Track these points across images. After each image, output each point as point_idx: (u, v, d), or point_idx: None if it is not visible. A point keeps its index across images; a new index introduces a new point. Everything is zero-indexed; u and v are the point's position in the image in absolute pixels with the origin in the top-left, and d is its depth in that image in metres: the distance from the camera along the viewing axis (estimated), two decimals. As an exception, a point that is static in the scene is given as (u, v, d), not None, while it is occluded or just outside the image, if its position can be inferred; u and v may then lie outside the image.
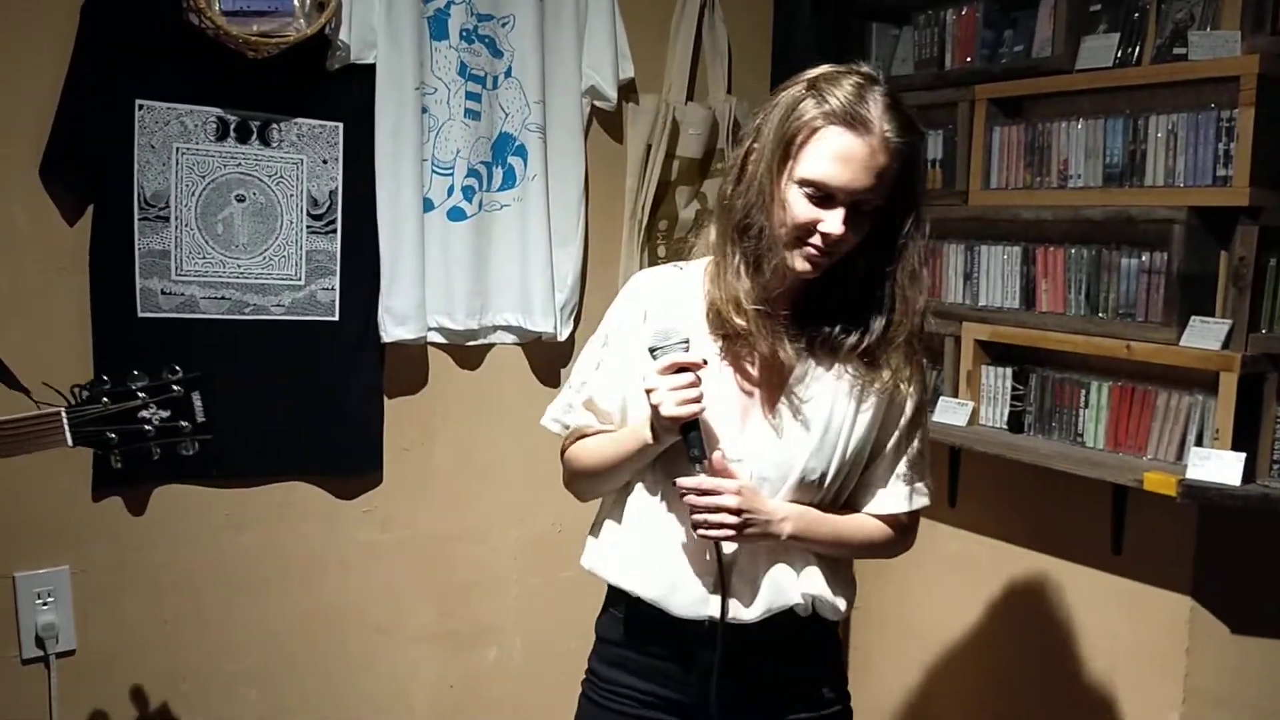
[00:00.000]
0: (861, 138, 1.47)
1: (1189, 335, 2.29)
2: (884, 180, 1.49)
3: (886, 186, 1.50)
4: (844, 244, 1.52)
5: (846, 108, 1.47)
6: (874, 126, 1.47)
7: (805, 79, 1.54)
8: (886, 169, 1.48)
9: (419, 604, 2.66)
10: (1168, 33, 2.40)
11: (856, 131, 1.47)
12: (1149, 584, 2.47)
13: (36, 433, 1.55)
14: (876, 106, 1.48)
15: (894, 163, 1.48)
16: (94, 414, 1.57)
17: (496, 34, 2.57)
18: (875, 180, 1.48)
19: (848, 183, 1.48)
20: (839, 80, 1.50)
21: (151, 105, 2.20)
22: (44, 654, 2.21)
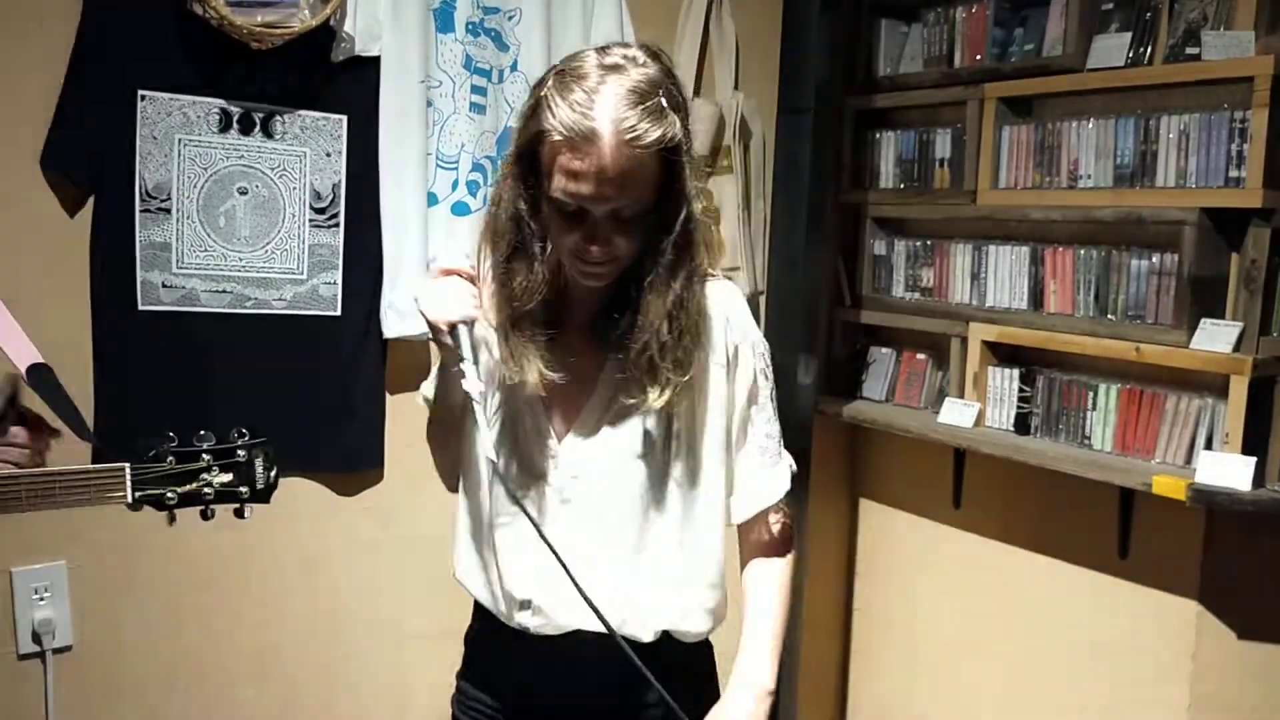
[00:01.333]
0: (595, 148, 1.32)
1: (1199, 338, 2.28)
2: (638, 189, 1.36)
3: (644, 197, 1.37)
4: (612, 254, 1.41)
5: (560, 112, 1.33)
6: (599, 128, 1.31)
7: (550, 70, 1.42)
8: (633, 177, 1.34)
9: (419, 602, 2.64)
10: (1180, 32, 2.38)
11: (581, 141, 1.32)
12: (1156, 588, 2.46)
13: (99, 486, 1.55)
14: (602, 106, 1.32)
15: (639, 167, 1.34)
16: (158, 473, 1.57)
17: (502, 27, 2.55)
18: (624, 191, 1.35)
19: (595, 196, 1.35)
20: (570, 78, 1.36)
21: (154, 96, 2.18)
22: (41, 649, 2.19)
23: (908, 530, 3.05)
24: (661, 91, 1.36)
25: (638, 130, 1.32)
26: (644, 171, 1.35)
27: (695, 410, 1.52)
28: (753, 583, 1.61)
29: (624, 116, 1.32)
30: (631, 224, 1.38)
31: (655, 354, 1.43)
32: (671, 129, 1.35)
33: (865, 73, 3.07)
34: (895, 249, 3.00)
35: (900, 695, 3.07)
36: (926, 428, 2.77)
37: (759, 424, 1.58)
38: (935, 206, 2.88)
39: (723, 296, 1.54)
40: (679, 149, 1.37)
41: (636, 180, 1.35)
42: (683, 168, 1.38)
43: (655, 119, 1.34)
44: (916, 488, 3.02)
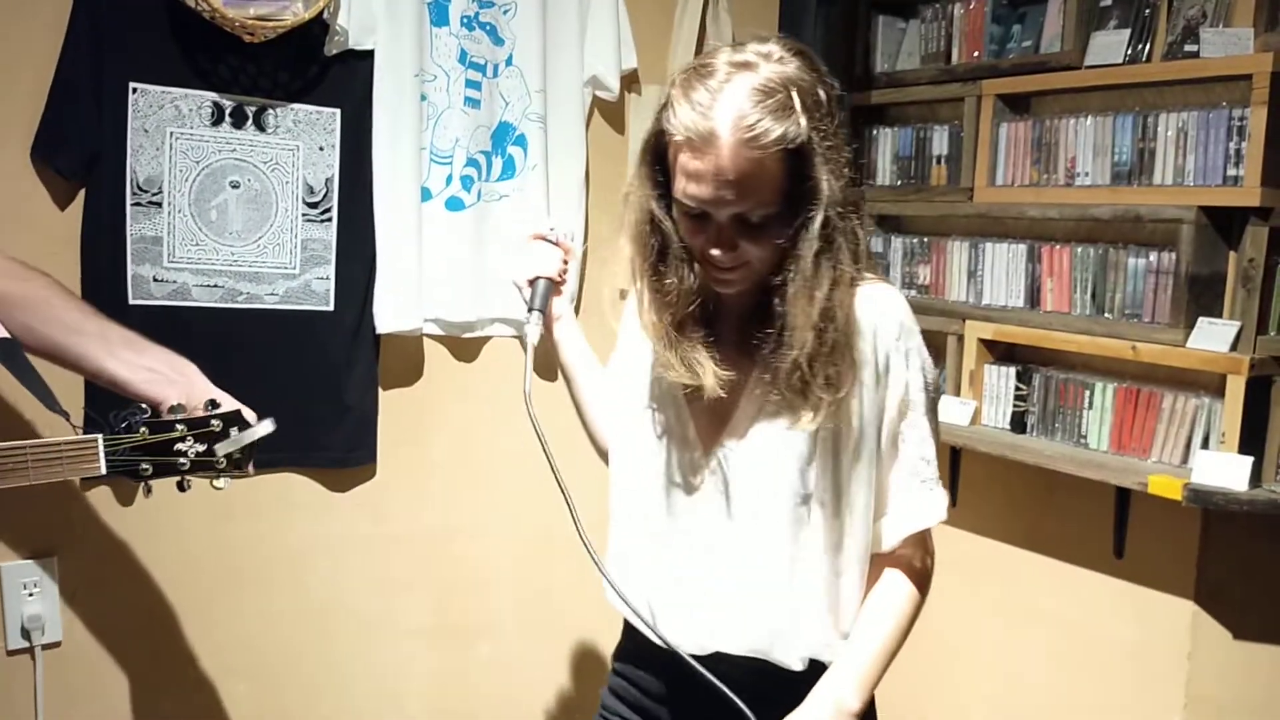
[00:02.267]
0: (710, 148, 1.29)
1: (1196, 337, 2.26)
2: (759, 191, 1.31)
3: (768, 200, 1.31)
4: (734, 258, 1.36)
5: (680, 114, 1.31)
6: (715, 130, 1.28)
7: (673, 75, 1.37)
8: (752, 179, 1.30)
9: (412, 598, 2.63)
10: (1179, 29, 2.36)
11: (699, 143, 1.29)
12: (1151, 588, 2.45)
13: (71, 457, 1.53)
14: (719, 105, 1.28)
15: (759, 169, 1.29)
16: (130, 443, 1.55)
17: (498, 21, 2.54)
18: (743, 194, 1.30)
19: (712, 199, 1.32)
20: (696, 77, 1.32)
21: (145, 89, 2.17)
22: (30, 645, 2.18)
23: (903, 528, 3.04)
24: (795, 89, 1.30)
25: (756, 130, 1.27)
26: (766, 173, 1.30)
27: (844, 427, 1.43)
28: (876, 596, 1.51)
29: (744, 115, 1.27)
30: (760, 228, 1.33)
31: (805, 372, 1.36)
32: (796, 128, 1.29)
33: (862, 69, 3.06)
34: (892, 246, 2.99)
35: (896, 693, 3.05)
36: (922, 426, 2.75)
37: (911, 442, 1.47)
38: (932, 204, 2.86)
39: (875, 302, 1.44)
40: (807, 149, 1.30)
41: (759, 182, 1.30)
42: (814, 168, 1.31)
43: (779, 117, 1.28)
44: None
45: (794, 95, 1.29)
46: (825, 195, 1.32)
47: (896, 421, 1.46)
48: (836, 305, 1.35)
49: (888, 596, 1.51)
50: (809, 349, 1.34)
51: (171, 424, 1.58)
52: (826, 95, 1.35)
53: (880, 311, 1.43)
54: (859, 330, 1.41)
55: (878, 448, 1.46)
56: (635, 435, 1.55)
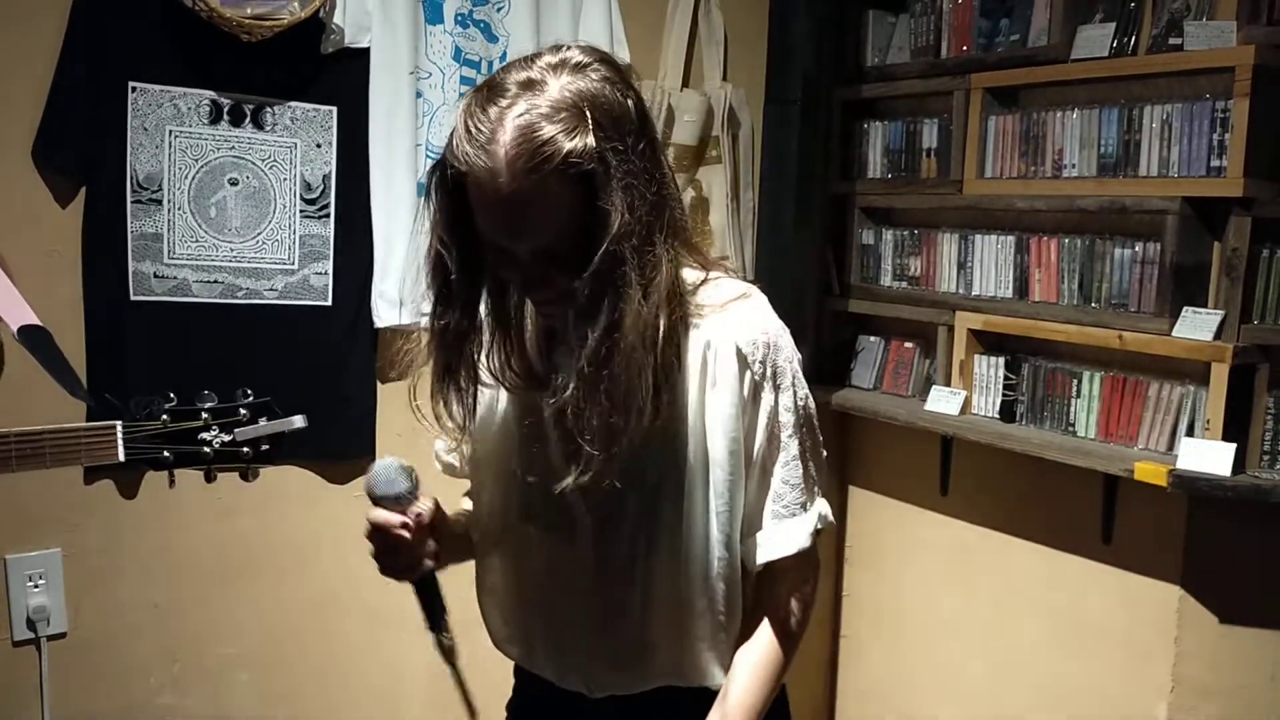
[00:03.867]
0: (491, 186, 1.17)
1: (1181, 326, 2.30)
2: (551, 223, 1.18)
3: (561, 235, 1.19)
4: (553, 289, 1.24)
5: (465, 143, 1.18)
6: (495, 163, 1.15)
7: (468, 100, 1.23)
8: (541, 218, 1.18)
9: (410, 591, 2.66)
10: (1164, 22, 2.40)
11: (483, 175, 1.17)
12: (1138, 573, 2.49)
13: (89, 445, 1.49)
14: (501, 132, 1.16)
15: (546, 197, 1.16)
16: (151, 431, 1.51)
17: (491, 19, 2.57)
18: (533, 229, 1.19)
19: (503, 244, 1.21)
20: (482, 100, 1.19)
21: (145, 88, 2.19)
22: (35, 636, 2.20)
23: (896, 517, 3.07)
24: (588, 104, 1.17)
25: (537, 155, 1.14)
26: (553, 200, 1.16)
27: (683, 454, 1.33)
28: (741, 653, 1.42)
29: (526, 137, 1.15)
30: (566, 260, 1.19)
31: (570, 422, 1.22)
32: (583, 145, 1.15)
33: (853, 63, 3.09)
34: (883, 238, 3.02)
35: (888, 679, 3.10)
36: (914, 415, 2.79)
37: (777, 465, 1.37)
38: (922, 196, 2.90)
39: (736, 321, 1.32)
40: (597, 171, 1.16)
41: (547, 211, 1.17)
42: (605, 194, 1.16)
43: (567, 135, 1.15)
44: (904, 475, 3.05)
45: (586, 111, 1.17)
46: (614, 226, 1.16)
47: (765, 446, 1.36)
48: (611, 349, 1.19)
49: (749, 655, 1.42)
50: (571, 396, 1.21)
51: (196, 411, 1.54)
52: (632, 108, 1.22)
53: (739, 334, 1.32)
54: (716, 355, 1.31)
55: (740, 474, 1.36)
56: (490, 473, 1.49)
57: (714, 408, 1.33)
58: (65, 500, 2.23)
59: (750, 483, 1.38)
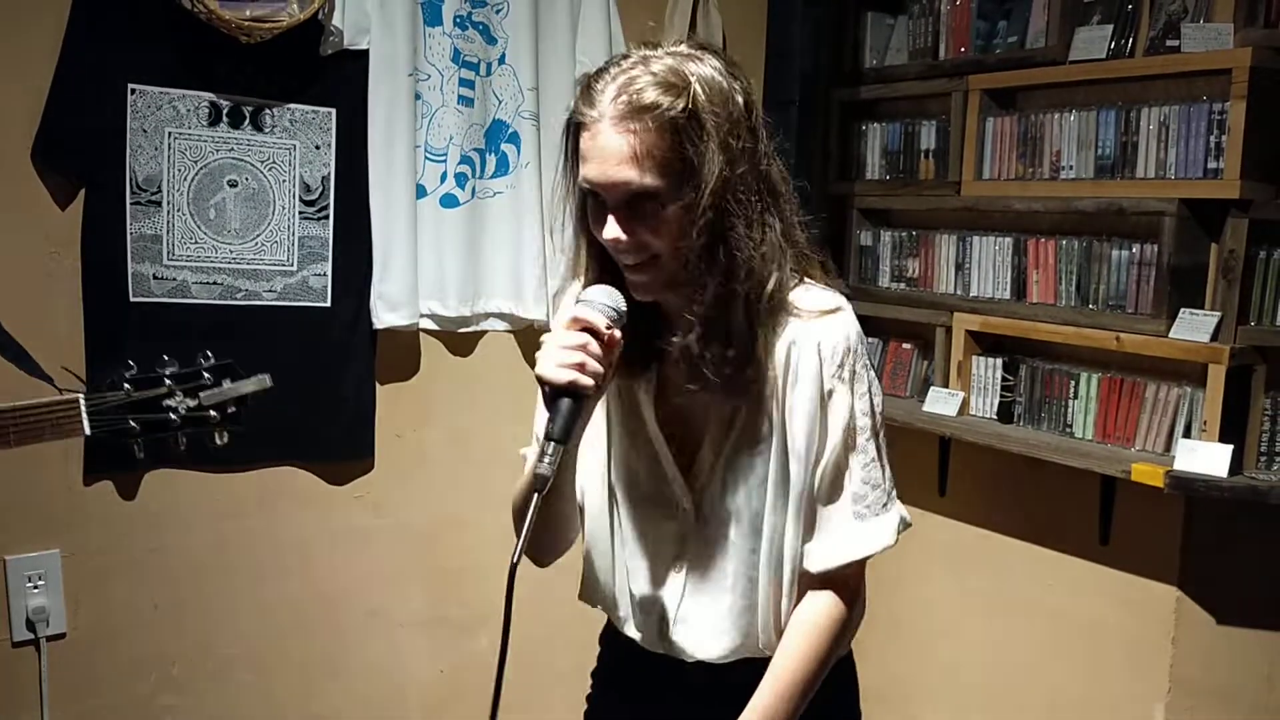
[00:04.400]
0: (597, 128, 1.27)
1: (1178, 327, 2.30)
2: (641, 164, 1.25)
3: (656, 173, 1.25)
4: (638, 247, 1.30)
5: (581, 100, 1.29)
6: (600, 111, 1.26)
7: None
8: (640, 154, 1.25)
9: (410, 590, 2.67)
10: (1161, 25, 2.40)
11: (592, 123, 1.27)
12: (1136, 574, 2.49)
13: (54, 420, 1.47)
14: (609, 87, 1.27)
15: (643, 145, 1.24)
16: (115, 402, 1.49)
17: (490, 20, 2.57)
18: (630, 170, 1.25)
19: (601, 179, 1.28)
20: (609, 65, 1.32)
21: (144, 89, 2.20)
22: (34, 637, 2.21)
23: (894, 518, 3.08)
24: (696, 76, 1.27)
25: (636, 100, 1.24)
26: (647, 145, 1.25)
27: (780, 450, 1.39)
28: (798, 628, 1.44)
29: (629, 86, 1.25)
30: (652, 213, 1.27)
31: (695, 353, 1.31)
32: (682, 101, 1.24)
33: (851, 65, 3.09)
34: (881, 240, 3.03)
35: (885, 679, 3.10)
36: (912, 416, 2.79)
37: (855, 469, 1.40)
38: (920, 198, 2.90)
39: (819, 324, 1.38)
40: (693, 124, 1.25)
41: (639, 154, 1.25)
42: (700, 142, 1.25)
43: (665, 90, 1.25)
44: (903, 475, 2.98)
45: (691, 80, 1.26)
46: (709, 178, 1.25)
47: (840, 447, 1.39)
48: (737, 298, 1.30)
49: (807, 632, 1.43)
50: (693, 345, 1.30)
51: (159, 378, 1.51)
52: (740, 93, 1.31)
53: (823, 336, 1.37)
54: (799, 351, 1.37)
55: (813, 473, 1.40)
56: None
57: (795, 404, 1.38)
58: (65, 501, 2.23)
59: (822, 483, 1.41)
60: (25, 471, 2.18)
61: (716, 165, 1.26)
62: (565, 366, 1.27)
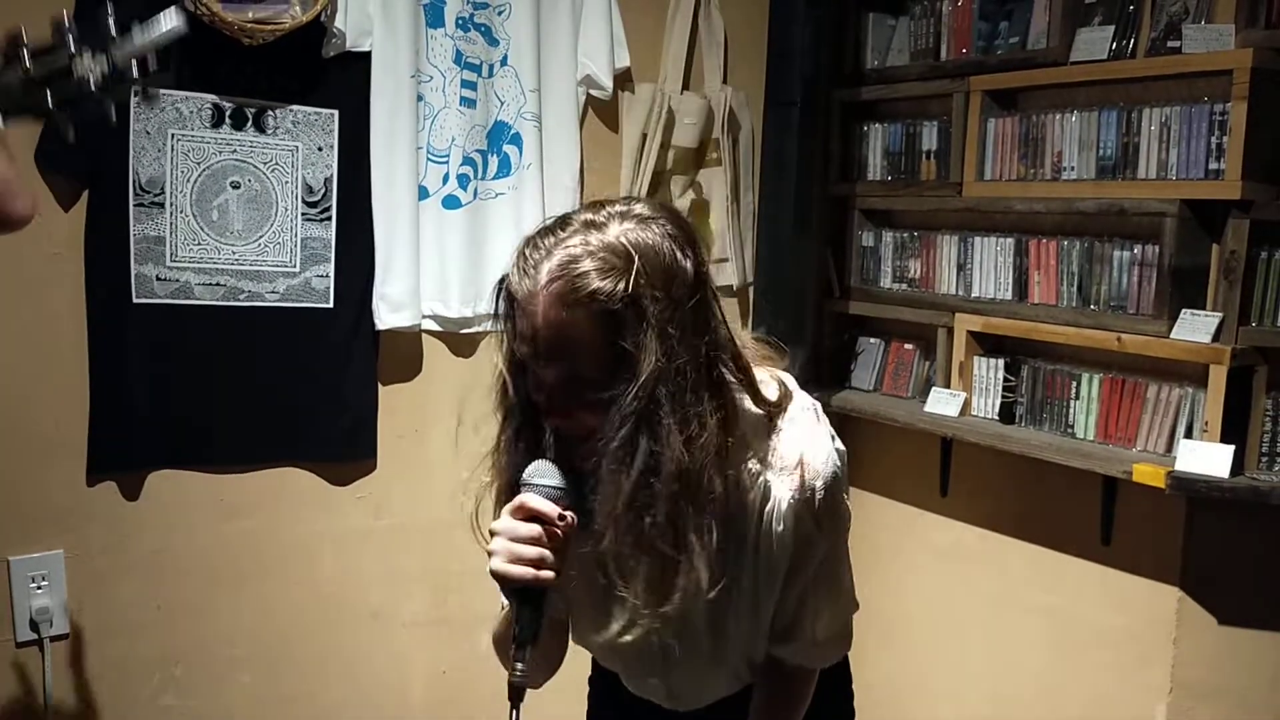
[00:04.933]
0: (530, 309, 1.20)
1: (1179, 328, 2.31)
2: (576, 356, 1.20)
3: (591, 366, 1.19)
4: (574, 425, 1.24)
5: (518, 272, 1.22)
6: (535, 289, 1.19)
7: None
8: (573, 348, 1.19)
9: (413, 590, 2.68)
10: (1162, 25, 2.40)
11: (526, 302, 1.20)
12: (1137, 575, 2.49)
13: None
14: (546, 262, 1.19)
15: (577, 337, 1.18)
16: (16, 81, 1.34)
17: (492, 22, 2.57)
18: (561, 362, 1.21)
19: (533, 365, 1.23)
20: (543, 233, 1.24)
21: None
22: (38, 637, 2.22)
23: (895, 518, 3.08)
24: (640, 252, 1.19)
25: (570, 286, 1.17)
26: (580, 334, 1.18)
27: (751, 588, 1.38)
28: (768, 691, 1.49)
29: (565, 269, 1.18)
30: (592, 398, 1.20)
31: (609, 566, 1.23)
32: (620, 287, 1.16)
33: (853, 65, 3.10)
34: (883, 240, 3.03)
35: (886, 680, 3.10)
36: (914, 417, 2.80)
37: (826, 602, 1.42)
38: (922, 198, 2.90)
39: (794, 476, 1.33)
40: (628, 314, 1.17)
41: (572, 344, 1.19)
42: (636, 335, 1.17)
43: (602, 275, 1.17)
44: (904, 476, 3.05)
45: (635, 258, 1.18)
46: (644, 371, 1.17)
47: (812, 580, 1.39)
48: (659, 498, 1.19)
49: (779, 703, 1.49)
50: (609, 543, 1.22)
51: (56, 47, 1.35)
52: (689, 267, 1.23)
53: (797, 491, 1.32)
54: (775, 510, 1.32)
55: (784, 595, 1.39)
56: None
57: (775, 553, 1.35)
58: (68, 502, 2.24)
59: (791, 594, 1.39)
60: (29, 472, 2.19)
61: (652, 358, 1.17)
62: (523, 563, 1.22)
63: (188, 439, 2.34)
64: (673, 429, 1.19)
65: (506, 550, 1.23)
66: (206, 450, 2.36)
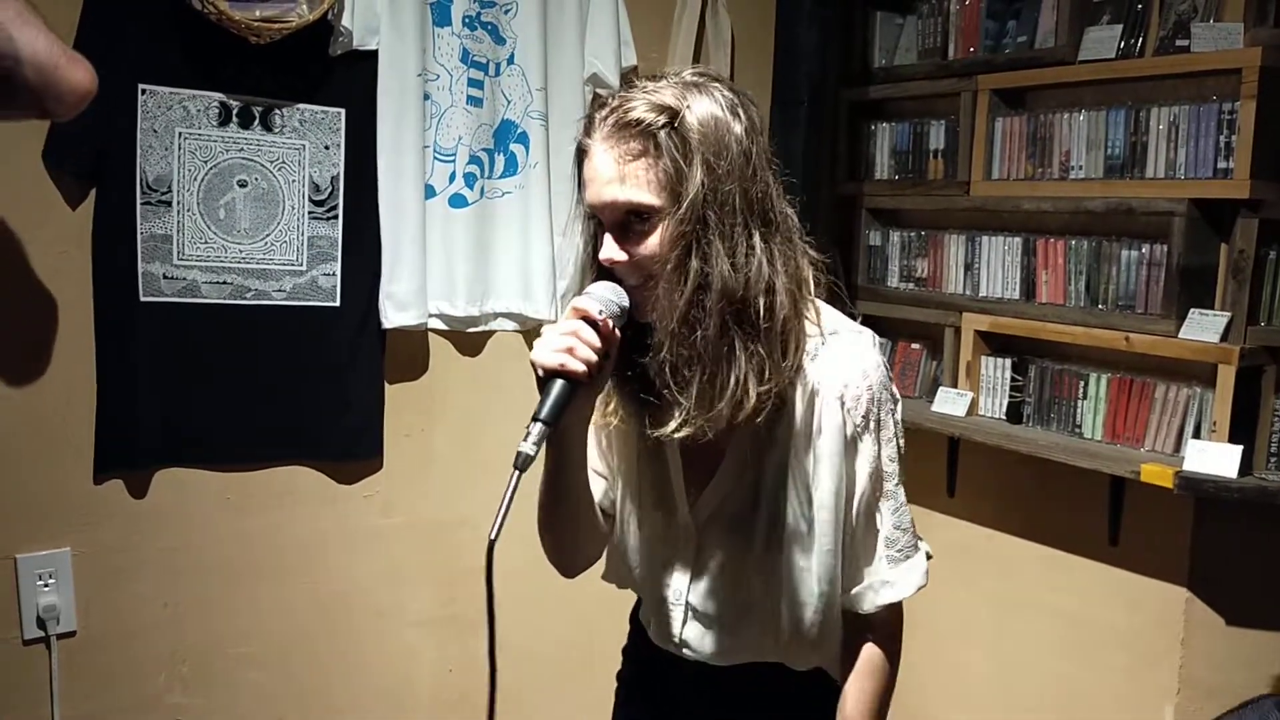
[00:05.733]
0: (592, 150, 1.31)
1: (1188, 328, 2.30)
2: (626, 181, 1.29)
3: (642, 189, 1.28)
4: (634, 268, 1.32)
5: (583, 128, 1.34)
6: (595, 134, 1.31)
7: None
8: (625, 172, 1.28)
9: (419, 589, 2.68)
10: (1170, 24, 2.40)
11: (589, 147, 1.32)
12: (1145, 575, 2.49)
13: None
14: (604, 111, 1.31)
15: (630, 163, 1.28)
16: None
17: (499, 21, 2.57)
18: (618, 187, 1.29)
19: (595, 200, 1.32)
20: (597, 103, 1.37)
21: (154, 90, 2.21)
22: (45, 635, 2.22)
23: (902, 518, 3.08)
24: (689, 97, 1.29)
25: (628, 115, 1.27)
26: (636, 163, 1.28)
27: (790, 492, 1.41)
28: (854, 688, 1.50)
29: (622, 105, 1.29)
30: (644, 230, 1.30)
31: (666, 376, 1.30)
32: (669, 115, 1.26)
33: (860, 64, 3.09)
34: (890, 240, 3.02)
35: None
36: (921, 416, 2.79)
37: (885, 514, 1.44)
38: (929, 198, 2.90)
39: (843, 364, 1.39)
40: (679, 136, 1.26)
41: (629, 175, 1.28)
42: (686, 156, 1.26)
43: (650, 108, 1.27)
44: (911, 475, 3.02)
45: (686, 102, 1.28)
46: (690, 189, 1.26)
47: (870, 494, 1.42)
48: (708, 313, 1.28)
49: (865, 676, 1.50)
50: (666, 353, 1.29)
51: None
52: (740, 120, 1.31)
53: (846, 385, 1.38)
54: (817, 395, 1.38)
55: (844, 518, 1.42)
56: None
57: (821, 454, 1.39)
58: (75, 500, 2.24)
59: (856, 530, 1.44)
60: (36, 470, 2.19)
61: (698, 178, 1.26)
62: (557, 351, 1.29)
63: (195, 437, 2.34)
64: (720, 252, 1.28)
65: (546, 341, 1.31)
66: (213, 448, 2.36)
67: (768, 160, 1.35)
